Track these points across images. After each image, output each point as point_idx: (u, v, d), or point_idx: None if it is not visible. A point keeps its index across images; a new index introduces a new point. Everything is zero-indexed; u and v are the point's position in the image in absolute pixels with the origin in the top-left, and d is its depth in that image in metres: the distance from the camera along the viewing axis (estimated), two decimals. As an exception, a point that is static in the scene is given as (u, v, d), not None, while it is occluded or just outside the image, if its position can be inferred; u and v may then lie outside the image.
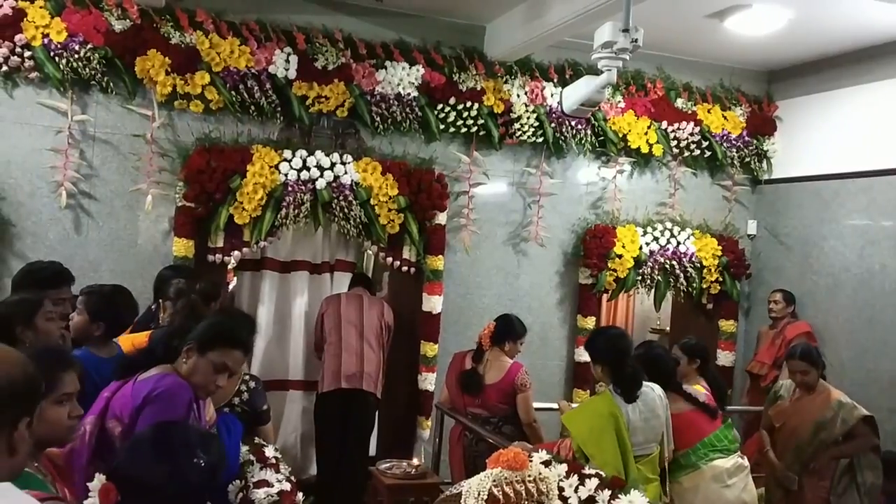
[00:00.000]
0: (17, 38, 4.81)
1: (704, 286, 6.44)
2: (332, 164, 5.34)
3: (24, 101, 4.96)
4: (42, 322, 3.08)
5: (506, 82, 5.91)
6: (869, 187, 5.87)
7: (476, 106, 5.79)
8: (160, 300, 4.19)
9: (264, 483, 2.83)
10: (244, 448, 3.24)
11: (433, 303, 5.73)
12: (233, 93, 5.23)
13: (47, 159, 5.00)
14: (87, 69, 4.94)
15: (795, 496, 4.54)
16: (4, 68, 4.85)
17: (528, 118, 5.95)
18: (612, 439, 3.51)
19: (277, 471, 2.99)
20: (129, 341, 3.48)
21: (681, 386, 4.02)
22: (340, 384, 5.12)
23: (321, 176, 5.29)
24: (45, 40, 4.85)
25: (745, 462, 4.02)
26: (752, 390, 6.27)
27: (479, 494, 2.44)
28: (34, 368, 1.58)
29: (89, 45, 4.92)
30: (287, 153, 5.26)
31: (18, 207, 4.96)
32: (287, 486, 2.84)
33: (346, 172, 5.35)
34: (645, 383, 3.74)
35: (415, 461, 4.84)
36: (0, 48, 4.79)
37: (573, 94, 4.25)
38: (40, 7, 4.86)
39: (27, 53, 4.85)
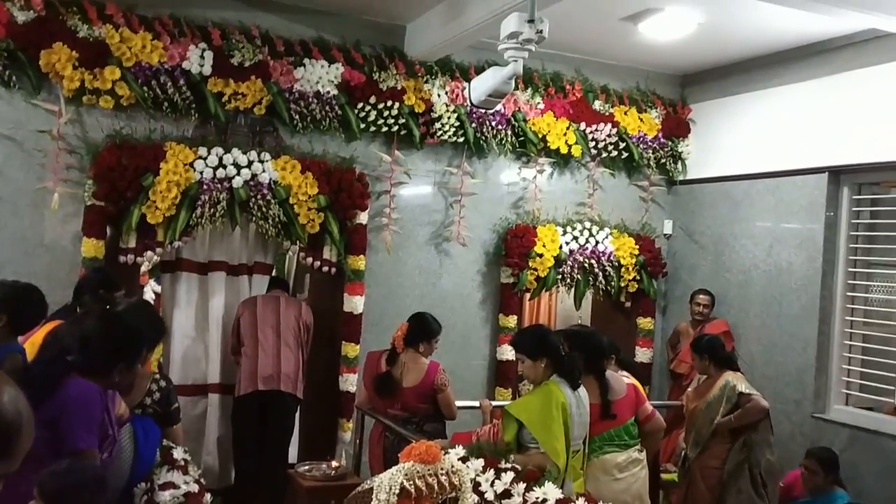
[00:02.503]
0: None
1: (623, 284, 6.57)
2: (250, 163, 5.24)
3: (-82, 94, 4.72)
4: None
5: (426, 82, 5.92)
6: (776, 187, 6.09)
7: (397, 105, 5.77)
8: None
9: (170, 485, 2.75)
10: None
11: (354, 303, 5.68)
12: (145, 88, 5.08)
13: (-56, 156, 4.76)
14: (-12, 62, 4.73)
15: (690, 477, 4.74)
16: None
17: (449, 118, 5.97)
18: (562, 428, 3.53)
19: (185, 472, 2.91)
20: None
21: (604, 372, 4.07)
22: (257, 386, 5.04)
23: (238, 174, 5.18)
24: (-58, 31, 4.63)
25: (641, 456, 4.11)
26: (675, 388, 6.42)
27: (390, 489, 2.42)
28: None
29: (-10, 37, 4.71)
30: (202, 151, 5.13)
31: (-88, 206, 4.71)
32: (195, 488, 2.76)
33: (263, 171, 5.25)
34: None
35: (334, 462, 4.77)
36: None
37: (481, 85, 4.28)
38: (-65, -4, 4.64)
39: (-79, 44, 4.62)
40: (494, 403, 4.88)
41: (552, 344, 3.75)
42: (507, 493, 3.24)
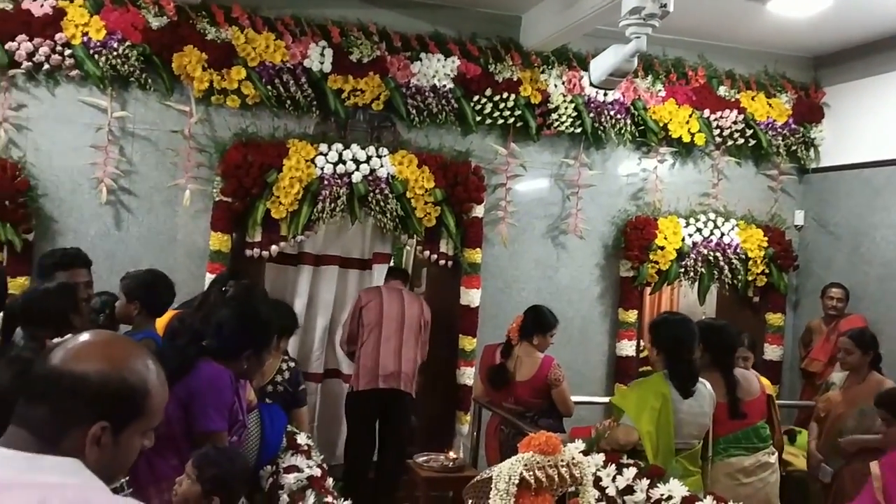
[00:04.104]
0: (57, 36, 4.90)
1: (750, 278, 6.27)
2: (368, 158, 5.32)
3: (65, 98, 5.05)
4: (81, 305, 3.16)
5: (542, 72, 5.84)
6: (922, 173, 5.66)
7: (513, 97, 5.72)
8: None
9: (294, 468, 2.82)
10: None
11: (471, 296, 5.68)
12: (269, 87, 5.25)
13: (88, 156, 5.08)
14: (126, 66, 5.01)
15: (838, 483, 4.40)
16: (46, 66, 4.94)
17: (566, 108, 5.87)
18: (654, 415, 3.43)
19: (309, 457, 2.98)
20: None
21: (732, 369, 3.89)
22: (378, 384, 4.95)
23: (357, 169, 5.28)
24: (85, 38, 4.94)
25: (772, 459, 3.87)
26: (808, 388, 6.08)
27: (510, 479, 2.37)
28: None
29: (127, 43, 4.98)
30: (323, 147, 5.26)
31: (60, 204, 5.05)
32: (317, 472, 2.82)
33: (381, 165, 5.33)
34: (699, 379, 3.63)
35: (452, 454, 4.78)
36: (41, 47, 4.89)
37: (601, 65, 4.14)
38: (80, 6, 4.95)
39: (67, 52, 4.95)
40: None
41: (674, 344, 3.60)
42: (629, 489, 3.15)
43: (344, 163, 5.26)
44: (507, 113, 5.74)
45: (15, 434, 1.31)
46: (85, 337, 1.42)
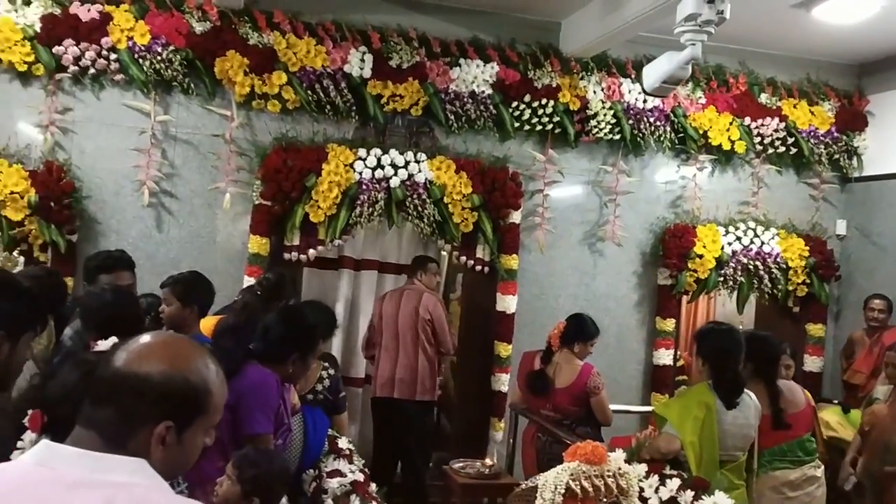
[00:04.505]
0: (103, 41, 4.98)
1: (790, 288, 6.17)
2: (406, 163, 5.33)
3: (109, 102, 5.13)
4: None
5: (582, 79, 5.81)
6: (971, 183, 5.54)
7: (551, 103, 5.70)
8: None
9: (337, 473, 2.82)
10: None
11: (507, 303, 5.65)
12: (309, 92, 5.28)
13: (131, 159, 5.15)
14: (169, 71, 5.07)
15: (888, 499, 4.29)
16: (91, 71, 5.03)
17: (605, 115, 5.83)
18: (697, 425, 3.37)
19: (351, 461, 2.98)
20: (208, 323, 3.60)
21: (776, 379, 3.82)
22: (376, 392, 5.09)
23: (395, 174, 5.28)
24: (130, 43, 5.01)
25: (819, 473, 3.81)
26: (849, 400, 5.96)
27: (556, 488, 2.36)
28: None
29: (171, 47, 5.05)
30: (362, 152, 5.28)
31: (103, 206, 5.13)
32: (360, 477, 2.82)
33: (419, 171, 5.33)
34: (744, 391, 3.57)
35: (488, 461, 4.76)
36: (87, 51, 4.97)
37: (654, 72, 4.07)
38: (125, 11, 5.02)
39: (113, 56, 5.02)
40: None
41: (720, 354, 3.53)
42: (672, 501, 3.10)
43: (382, 168, 5.28)
44: (545, 119, 5.72)
45: (82, 435, 1.33)
46: (146, 338, 1.43)
